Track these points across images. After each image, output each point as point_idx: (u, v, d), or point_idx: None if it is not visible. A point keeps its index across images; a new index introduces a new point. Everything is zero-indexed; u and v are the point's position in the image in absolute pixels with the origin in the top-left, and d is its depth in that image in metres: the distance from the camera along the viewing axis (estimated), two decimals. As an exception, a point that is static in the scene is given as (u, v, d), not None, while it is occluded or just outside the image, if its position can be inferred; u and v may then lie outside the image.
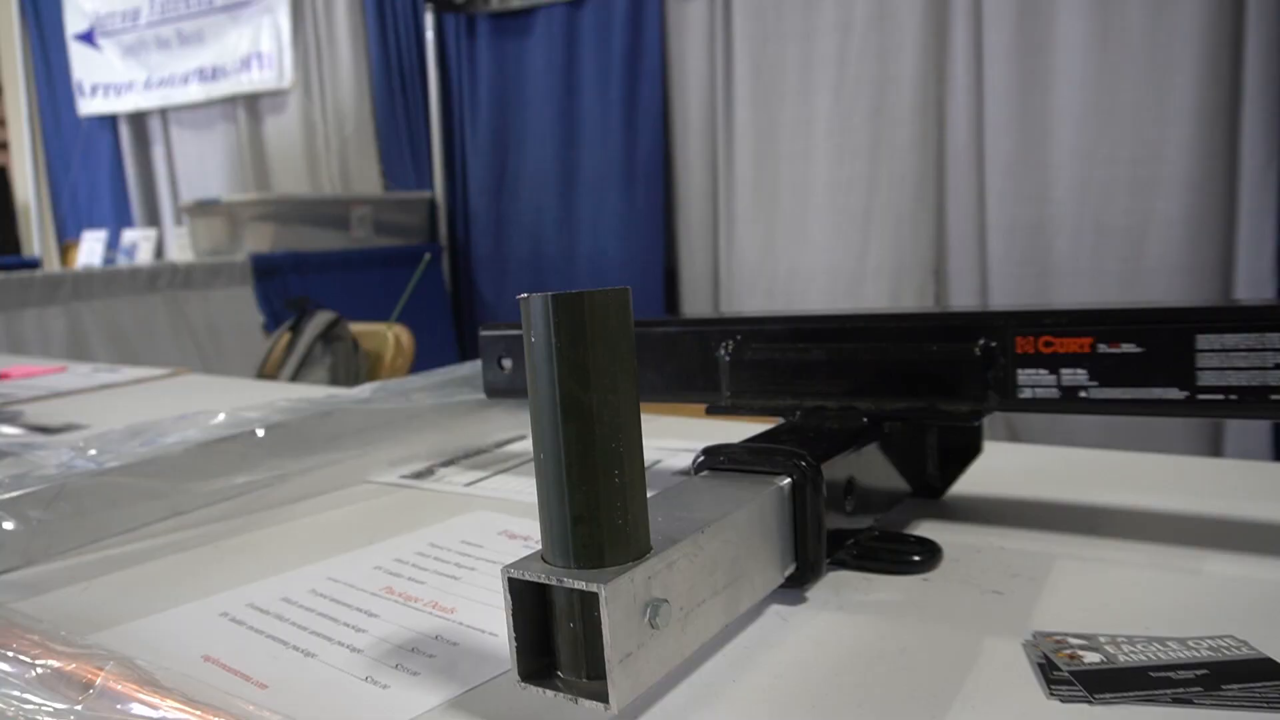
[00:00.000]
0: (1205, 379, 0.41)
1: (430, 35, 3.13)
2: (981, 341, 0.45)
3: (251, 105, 3.75)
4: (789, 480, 0.39)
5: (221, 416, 0.64)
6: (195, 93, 3.86)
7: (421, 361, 1.72)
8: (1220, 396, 0.41)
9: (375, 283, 2.87)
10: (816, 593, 0.41)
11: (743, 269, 2.41)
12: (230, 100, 3.78)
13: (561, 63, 2.79)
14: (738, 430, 0.54)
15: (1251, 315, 0.40)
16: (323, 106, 3.52)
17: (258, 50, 3.63)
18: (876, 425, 0.47)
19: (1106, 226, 1.92)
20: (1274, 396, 0.40)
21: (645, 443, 0.67)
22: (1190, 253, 1.84)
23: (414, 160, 3.32)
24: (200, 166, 3.90)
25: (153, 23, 3.99)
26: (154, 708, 0.31)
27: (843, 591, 0.41)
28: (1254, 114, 1.75)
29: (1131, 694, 0.31)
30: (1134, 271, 1.88)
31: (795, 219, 2.31)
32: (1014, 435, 1.94)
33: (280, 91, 3.61)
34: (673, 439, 0.71)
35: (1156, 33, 1.83)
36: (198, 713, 0.30)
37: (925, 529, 0.49)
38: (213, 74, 3.79)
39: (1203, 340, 0.41)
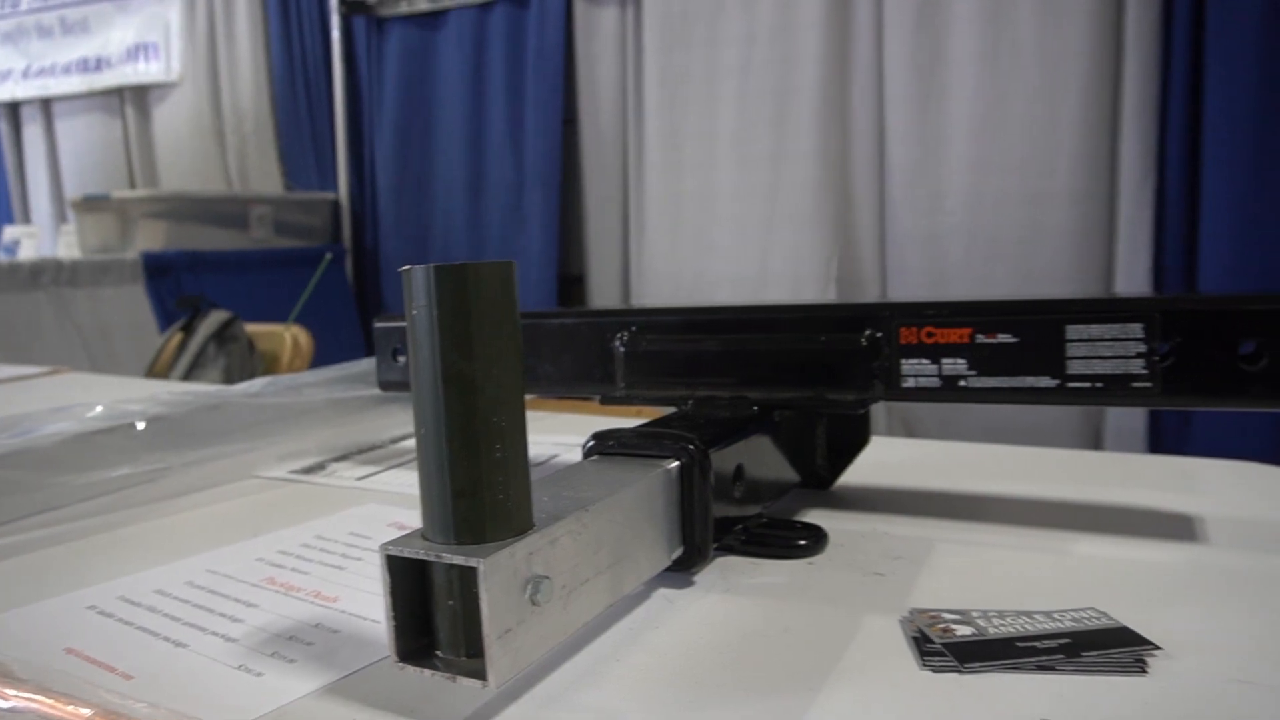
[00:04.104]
0: (1074, 367, 0.43)
1: (336, 35, 3.06)
2: (867, 332, 0.46)
3: (139, 99, 3.60)
4: (677, 463, 0.39)
5: (99, 409, 0.61)
6: (77, 83, 3.68)
7: (323, 363, 1.67)
8: (1088, 384, 0.43)
9: (275, 284, 2.79)
10: (704, 577, 0.41)
11: (652, 276, 2.42)
12: (116, 93, 3.62)
13: (469, 66, 2.76)
14: (635, 425, 0.55)
15: (1115, 307, 0.42)
16: (219, 103, 3.41)
17: (145, 41, 3.49)
18: (766, 414, 0.48)
19: (999, 237, 1.99)
20: (1135, 384, 0.42)
21: (542, 438, 0.67)
22: (1075, 262, 1.92)
23: (318, 160, 3.24)
24: (85, 161, 3.73)
25: (34, 9, 3.80)
26: (4, 699, 0.29)
27: (730, 575, 0.42)
28: (1131, 131, 1.84)
29: (999, 663, 0.32)
30: (1024, 280, 1.96)
31: (702, 227, 2.33)
32: (910, 431, 1.99)
33: (166, 85, 3.47)
34: (570, 434, 0.71)
35: (1044, 50, 1.91)
36: (51, 702, 0.29)
37: (813, 517, 0.50)
38: (96, 64, 3.62)
39: (1072, 330, 0.43)
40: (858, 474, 0.57)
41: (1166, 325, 0.41)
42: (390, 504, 0.56)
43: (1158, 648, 0.32)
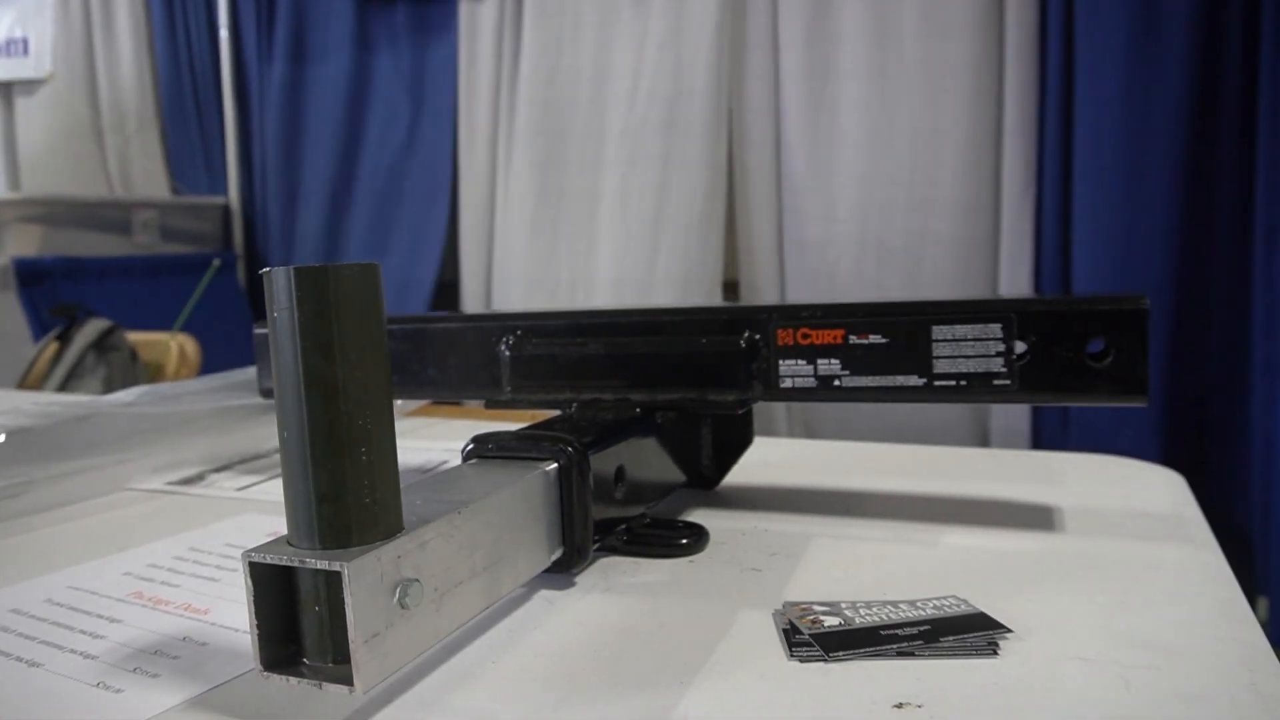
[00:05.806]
0: (940, 366, 0.45)
1: (225, 33, 2.97)
2: (746, 334, 0.48)
3: (10, 96, 3.41)
4: (555, 465, 0.40)
5: (-46, 421, 0.58)
6: None
7: (214, 373, 1.61)
8: (953, 382, 0.45)
9: (162, 292, 2.68)
10: (586, 578, 0.42)
11: (525, 279, 2.38)
12: None
13: (361, 63, 2.71)
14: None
15: (976, 308, 0.44)
16: (97, 101, 3.25)
17: (15, 36, 3.31)
18: (649, 416, 0.49)
19: (889, 245, 2.05)
20: (996, 381, 0.44)
21: (433, 444, 0.66)
22: (961, 269, 2.00)
23: (207, 164, 3.13)
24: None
25: (-104, 2, 3.57)
26: None
27: (611, 575, 0.42)
28: (1013, 143, 1.92)
29: (862, 650, 0.33)
30: (912, 287, 2.02)
31: (582, 229, 2.31)
32: (811, 432, 2.03)
33: (35, 81, 3.30)
34: (462, 441, 0.71)
35: (929, 65, 1.98)
36: (-113, 726, 0.27)
37: (697, 516, 0.51)
38: None
39: (937, 331, 0.45)
40: (744, 473, 0.58)
41: (1023, 325, 0.43)
42: (270, 514, 0.55)
43: (1009, 630, 0.34)
